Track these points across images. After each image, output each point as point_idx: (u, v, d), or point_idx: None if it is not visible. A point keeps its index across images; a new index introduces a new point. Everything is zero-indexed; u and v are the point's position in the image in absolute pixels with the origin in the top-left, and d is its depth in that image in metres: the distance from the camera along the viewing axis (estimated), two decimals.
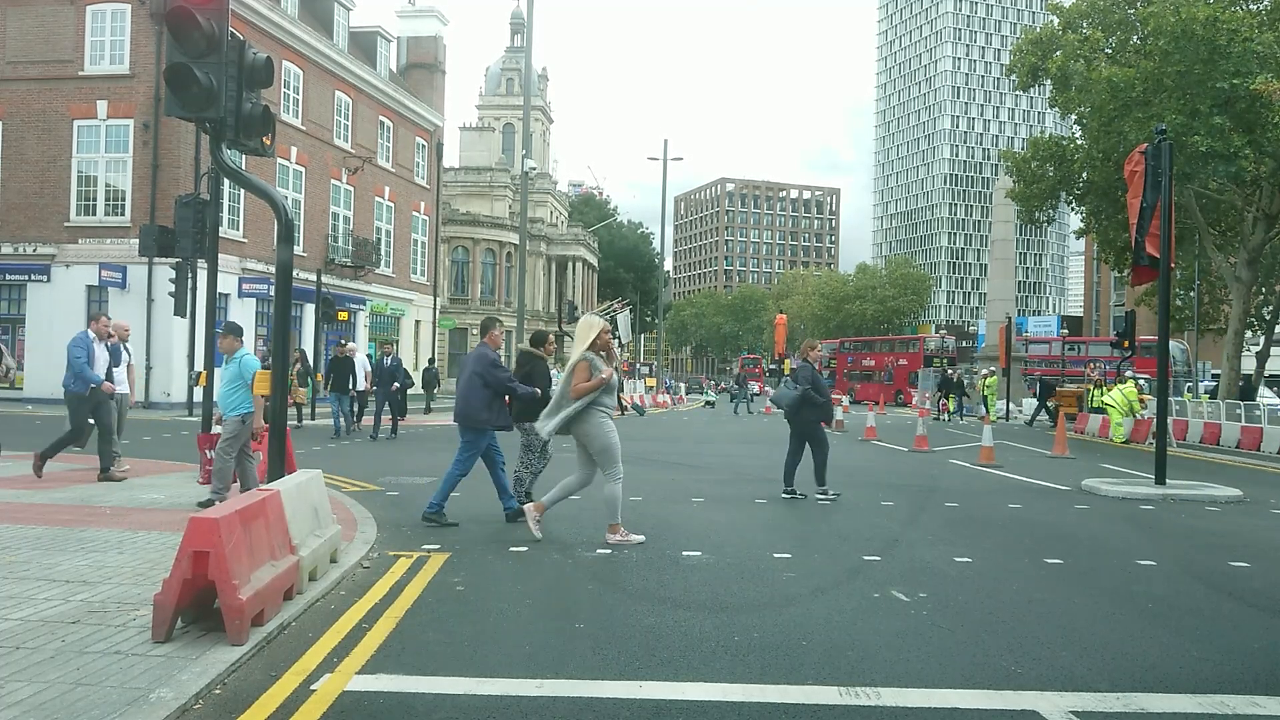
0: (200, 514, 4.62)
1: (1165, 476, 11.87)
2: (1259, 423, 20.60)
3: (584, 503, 9.88)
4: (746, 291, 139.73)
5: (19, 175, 26.44)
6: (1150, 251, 12.20)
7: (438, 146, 42.35)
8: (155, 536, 7.06)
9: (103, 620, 4.81)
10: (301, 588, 5.48)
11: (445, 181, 50.18)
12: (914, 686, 4.27)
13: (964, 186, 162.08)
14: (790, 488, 10.66)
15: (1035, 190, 29.10)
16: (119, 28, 26.22)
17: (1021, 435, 23.98)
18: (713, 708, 3.97)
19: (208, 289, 11.57)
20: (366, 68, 35.61)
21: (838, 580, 6.51)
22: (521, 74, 60.26)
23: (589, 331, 7.70)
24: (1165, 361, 13.10)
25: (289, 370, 19.50)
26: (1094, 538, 8.42)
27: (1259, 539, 8.70)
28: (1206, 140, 21.70)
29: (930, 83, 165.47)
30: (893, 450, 18.34)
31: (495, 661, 4.53)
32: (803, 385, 10.54)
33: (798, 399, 10.51)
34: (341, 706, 3.93)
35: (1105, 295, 71.22)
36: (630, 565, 6.82)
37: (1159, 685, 4.37)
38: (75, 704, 3.68)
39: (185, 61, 6.58)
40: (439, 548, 7.23)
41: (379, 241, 36.97)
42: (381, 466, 12.84)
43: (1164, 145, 12.03)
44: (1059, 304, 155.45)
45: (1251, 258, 26.10)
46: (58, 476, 10.59)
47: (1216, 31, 21.73)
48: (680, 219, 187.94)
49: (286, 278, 6.98)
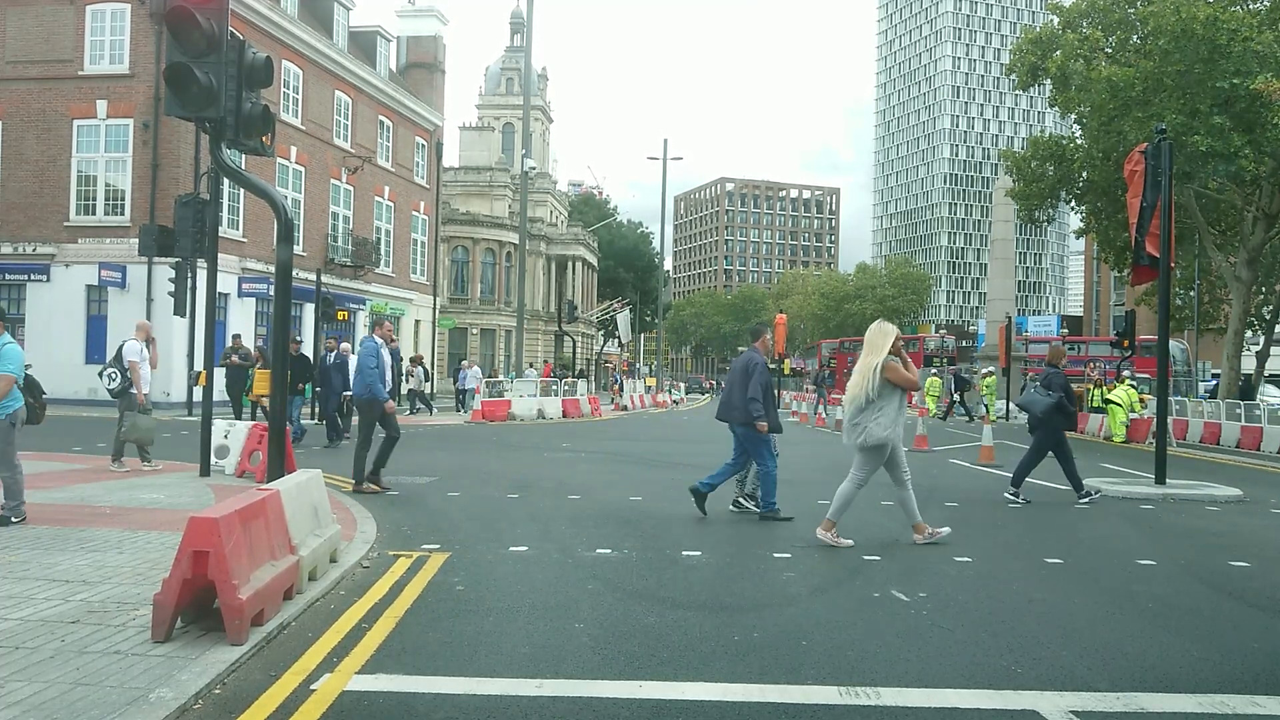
0: (200, 513, 4.62)
1: (1165, 476, 11.87)
2: (1259, 422, 20.59)
3: (584, 503, 9.88)
4: (746, 291, 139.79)
5: (19, 175, 26.43)
6: (1150, 251, 12.20)
7: (437, 146, 42.34)
8: (155, 536, 7.06)
9: (103, 620, 4.81)
10: (301, 587, 5.48)
11: (445, 181, 50.17)
12: (914, 686, 4.27)
13: (964, 186, 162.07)
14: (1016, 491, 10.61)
15: (1035, 190, 29.10)
16: (119, 27, 26.20)
17: (1022, 435, 23.95)
18: (712, 708, 3.97)
19: (207, 289, 11.57)
20: (366, 67, 35.60)
21: (838, 580, 6.50)
22: (521, 74, 60.17)
23: (886, 337, 7.73)
24: (1165, 361, 13.10)
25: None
26: (1094, 538, 8.42)
27: (1259, 539, 8.70)
28: (1206, 140, 21.71)
29: (930, 82, 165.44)
30: None
31: (495, 661, 4.53)
32: (1057, 393, 10.51)
33: (1052, 406, 10.48)
34: (341, 706, 3.92)
35: (1105, 295, 71.20)
36: (630, 565, 6.81)
37: (1159, 685, 4.37)
38: (75, 704, 3.68)
39: (185, 61, 6.58)
40: (439, 548, 7.23)
41: (379, 241, 36.96)
42: None
43: (1164, 145, 12.03)
44: (1059, 304, 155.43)
45: (1251, 257, 26.10)
46: (57, 476, 10.58)
47: (1216, 31, 21.73)
48: (680, 219, 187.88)
49: (286, 277, 6.99)
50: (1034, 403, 10.72)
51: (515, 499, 10.13)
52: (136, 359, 11.40)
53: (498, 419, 24.97)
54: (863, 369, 7.73)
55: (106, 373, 11.45)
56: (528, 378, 31.12)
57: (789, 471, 14.03)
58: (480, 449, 16.59)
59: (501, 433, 21.05)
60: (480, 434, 20.61)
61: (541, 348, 61.06)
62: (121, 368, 11.32)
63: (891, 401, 7.66)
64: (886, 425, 7.60)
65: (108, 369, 11.49)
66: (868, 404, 7.63)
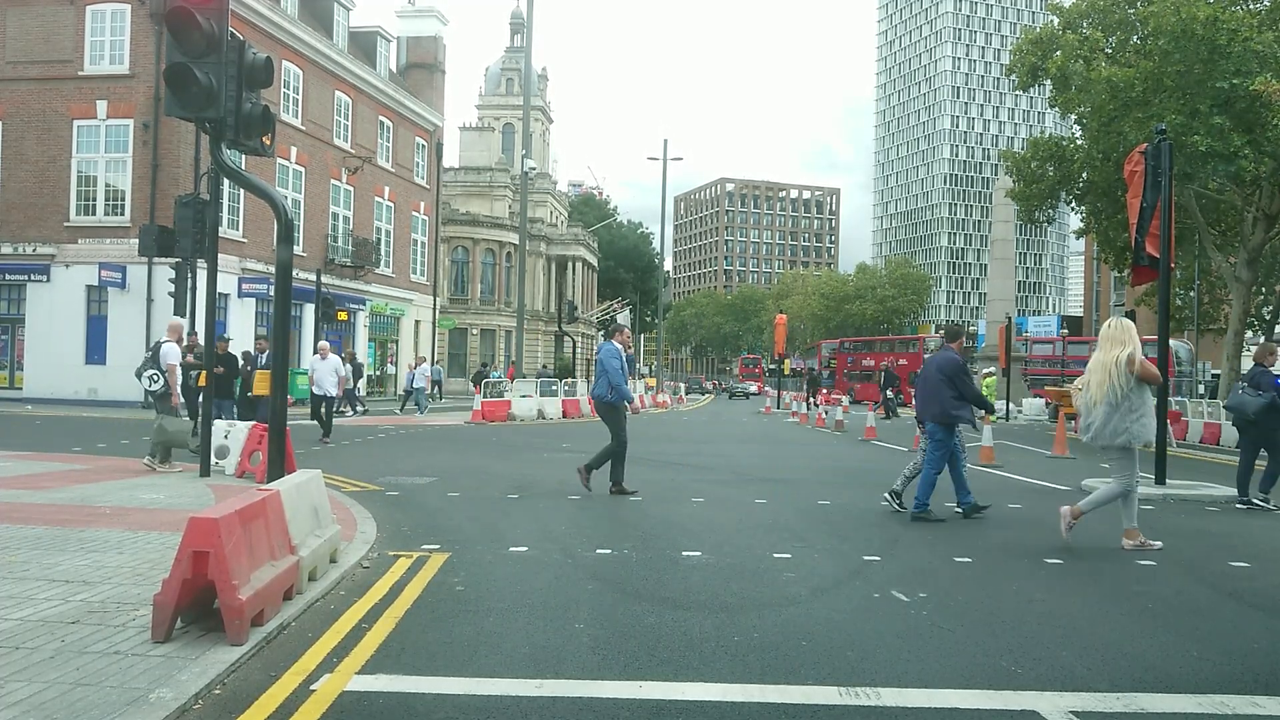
0: (200, 514, 4.62)
1: (1165, 476, 11.86)
2: None
3: (584, 503, 9.88)
4: (746, 291, 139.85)
5: (19, 175, 26.44)
6: (1150, 251, 12.18)
7: (437, 146, 42.35)
8: (155, 536, 7.06)
9: (102, 620, 4.81)
10: (301, 588, 5.47)
11: (445, 181, 50.17)
12: (914, 686, 4.27)
13: (964, 186, 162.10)
14: (1246, 496, 10.54)
15: (1035, 190, 29.11)
16: (119, 28, 26.22)
17: (1021, 435, 23.96)
18: (712, 708, 3.97)
19: (207, 289, 11.55)
20: (366, 68, 35.61)
21: (838, 580, 6.50)
22: (521, 74, 60.20)
23: (1128, 332, 7.60)
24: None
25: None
26: (1094, 538, 8.42)
27: (1259, 539, 8.70)
28: (1206, 140, 21.70)
29: (930, 82, 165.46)
30: (893, 450, 18.33)
31: (495, 661, 4.53)
32: (1269, 392, 10.42)
33: (1265, 406, 10.37)
34: (341, 707, 3.92)
35: (1105, 295, 71.22)
36: (630, 565, 6.81)
37: (1159, 685, 4.37)
38: (75, 704, 3.68)
39: (185, 61, 6.58)
40: (439, 548, 7.23)
41: (379, 241, 36.97)
42: (381, 466, 12.84)
43: (1164, 145, 12.02)
44: (1059, 304, 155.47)
45: (1251, 258, 26.11)
46: (57, 476, 10.58)
47: (1216, 31, 21.73)
48: (680, 219, 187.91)
49: (286, 278, 6.99)
50: (1245, 404, 10.57)
51: (515, 499, 10.13)
52: (175, 362, 11.45)
53: (497, 419, 24.96)
54: (1104, 365, 7.51)
55: (147, 374, 11.45)
56: (529, 379, 31.10)
57: (789, 472, 14.05)
58: (480, 449, 16.59)
59: (501, 433, 21.05)
60: (480, 434, 20.61)
61: (541, 348, 61.08)
62: (161, 370, 11.34)
63: (1143, 397, 7.48)
64: (1149, 424, 7.48)
65: (147, 371, 11.49)
66: (1120, 401, 7.43)
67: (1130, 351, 7.44)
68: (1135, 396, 7.45)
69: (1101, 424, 7.57)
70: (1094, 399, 7.61)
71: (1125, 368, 7.42)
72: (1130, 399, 7.44)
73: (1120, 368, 7.43)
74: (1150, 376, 7.53)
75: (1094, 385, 7.61)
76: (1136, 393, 7.46)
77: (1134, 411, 7.45)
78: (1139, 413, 7.46)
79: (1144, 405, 7.49)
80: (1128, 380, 7.42)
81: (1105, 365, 7.51)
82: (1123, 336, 7.56)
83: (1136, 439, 7.48)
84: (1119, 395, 7.44)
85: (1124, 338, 7.55)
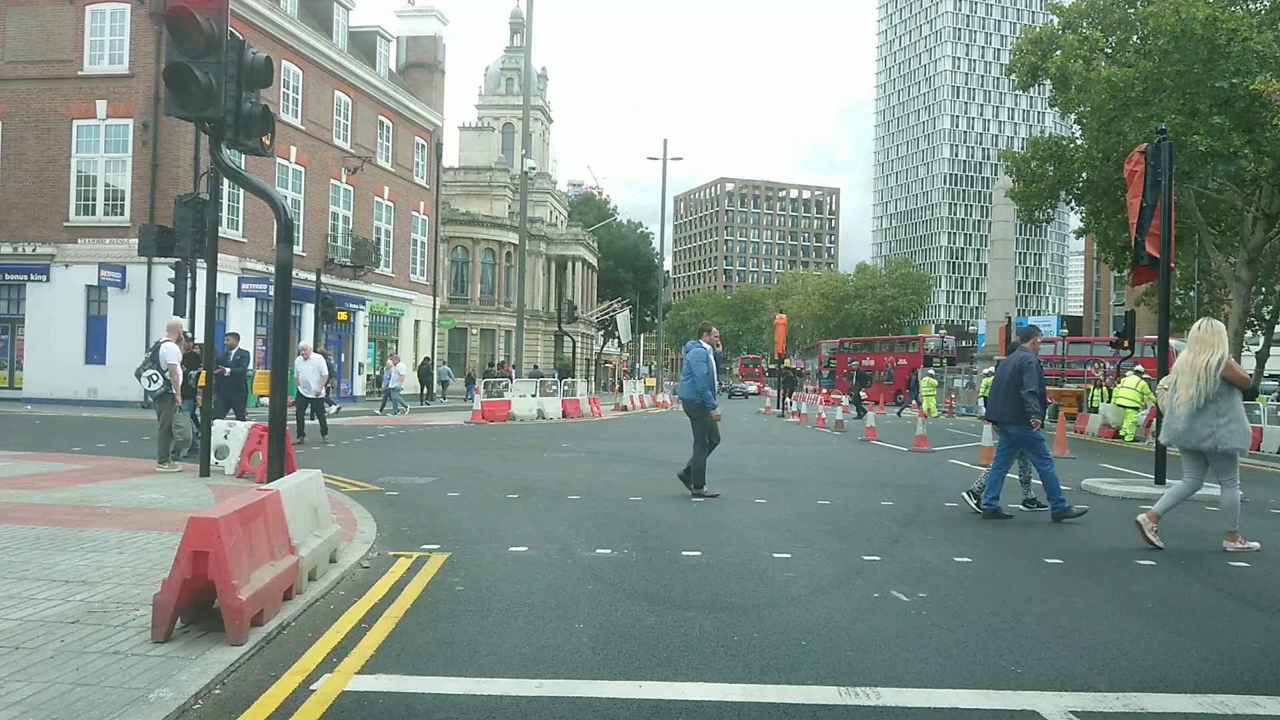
0: (200, 514, 4.62)
1: (1165, 476, 11.85)
2: (1259, 422, 20.57)
3: (585, 504, 9.88)
4: (746, 291, 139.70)
5: (18, 175, 26.45)
6: (1150, 251, 12.18)
7: (437, 146, 42.36)
8: (155, 536, 7.06)
9: (102, 620, 4.80)
10: (301, 587, 5.47)
11: (445, 181, 50.18)
12: (914, 686, 4.27)
13: (964, 186, 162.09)
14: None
15: (1035, 190, 29.11)
16: (118, 27, 26.23)
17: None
18: (712, 708, 3.97)
19: (207, 289, 11.54)
20: (366, 67, 35.61)
21: (838, 580, 6.50)
22: (521, 74, 60.16)
23: (1218, 334, 7.59)
24: (1165, 361, 13.07)
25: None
26: (1094, 538, 8.42)
27: (1259, 539, 8.69)
28: (1206, 140, 21.71)
29: (930, 82, 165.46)
30: (893, 450, 18.34)
31: (495, 661, 4.53)
32: None
33: None
34: (341, 707, 3.92)
35: (1105, 295, 71.25)
36: (630, 565, 6.81)
37: (1159, 685, 4.37)
38: (75, 704, 3.68)
39: (185, 61, 6.58)
40: (439, 548, 7.22)
41: (378, 241, 36.97)
42: (381, 466, 12.84)
43: (1164, 145, 12.02)
44: (1059, 304, 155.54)
45: (1251, 257, 26.11)
46: (57, 476, 10.58)
47: (1216, 31, 21.74)
48: (680, 219, 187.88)
49: (286, 278, 6.98)
50: None
51: (515, 499, 10.12)
52: (176, 361, 11.46)
53: (497, 419, 24.96)
54: (1193, 368, 7.48)
55: (146, 374, 11.45)
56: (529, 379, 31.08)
57: (789, 472, 14.04)
58: (480, 449, 16.59)
59: (501, 433, 21.05)
60: (480, 434, 20.61)
61: (541, 348, 61.08)
62: (161, 370, 11.35)
63: (1232, 401, 7.43)
64: (1239, 430, 7.43)
65: (147, 371, 11.50)
66: (1206, 404, 7.40)
67: (1221, 355, 7.42)
68: (1223, 400, 7.41)
69: (1186, 427, 7.55)
70: (1179, 400, 7.59)
71: (1215, 372, 7.39)
72: (1218, 403, 7.40)
73: (1210, 372, 7.39)
74: (1240, 380, 7.49)
75: (1181, 387, 7.57)
76: (1225, 396, 7.42)
77: (1221, 415, 7.41)
78: (1227, 417, 7.41)
79: (1232, 410, 7.43)
80: (1217, 384, 7.39)
81: (1194, 368, 7.48)
82: (1213, 340, 7.53)
83: (1224, 443, 7.41)
84: (1205, 398, 7.41)
85: (1214, 341, 7.52)
